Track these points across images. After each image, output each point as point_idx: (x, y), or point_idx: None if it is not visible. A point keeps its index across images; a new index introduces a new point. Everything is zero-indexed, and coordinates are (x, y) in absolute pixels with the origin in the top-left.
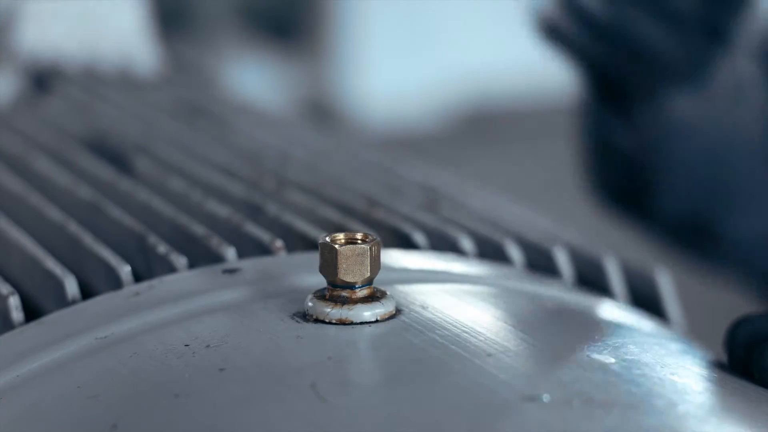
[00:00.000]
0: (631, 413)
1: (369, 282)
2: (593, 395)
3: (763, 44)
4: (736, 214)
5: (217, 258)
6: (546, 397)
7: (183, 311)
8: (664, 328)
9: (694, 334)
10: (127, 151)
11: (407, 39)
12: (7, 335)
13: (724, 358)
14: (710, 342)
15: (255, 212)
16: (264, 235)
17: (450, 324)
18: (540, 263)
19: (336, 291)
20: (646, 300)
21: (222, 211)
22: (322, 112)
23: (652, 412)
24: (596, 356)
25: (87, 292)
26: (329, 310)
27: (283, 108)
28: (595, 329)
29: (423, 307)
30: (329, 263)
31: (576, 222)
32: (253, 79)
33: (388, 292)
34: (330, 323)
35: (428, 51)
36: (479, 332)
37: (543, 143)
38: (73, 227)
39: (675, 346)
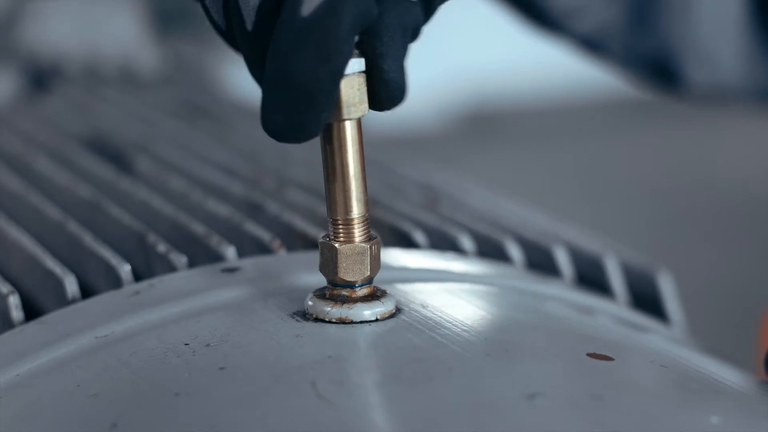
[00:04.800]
0: (633, 410)
1: (369, 281)
2: (592, 393)
3: None
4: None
5: (217, 257)
6: (545, 396)
7: (183, 310)
8: (663, 327)
9: (694, 333)
10: (126, 150)
11: None
12: (7, 334)
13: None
14: (711, 341)
15: (255, 211)
16: (264, 234)
17: (450, 323)
18: (540, 262)
19: (336, 290)
20: (646, 299)
21: (222, 210)
22: None
23: (654, 409)
24: (596, 354)
25: (87, 291)
26: (329, 308)
27: None
28: (594, 328)
29: (423, 306)
30: (329, 262)
31: (576, 221)
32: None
33: (388, 291)
34: (330, 322)
35: (429, 51)
36: (479, 331)
37: (543, 143)
38: (73, 226)
39: (669, 345)
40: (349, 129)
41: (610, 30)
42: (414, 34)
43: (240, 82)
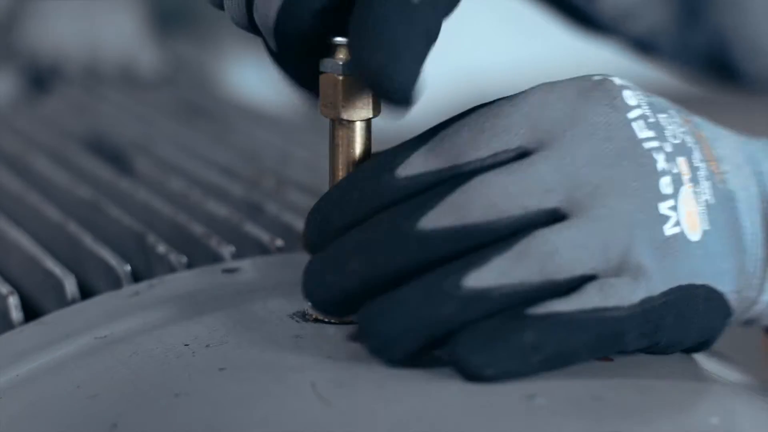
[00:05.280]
0: (633, 411)
1: None
2: (592, 394)
3: None
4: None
5: (216, 257)
6: (544, 397)
7: (182, 311)
8: None
9: None
10: (126, 150)
11: None
12: (7, 335)
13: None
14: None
15: (254, 211)
16: (263, 235)
17: None
18: None
19: None
20: None
21: (221, 210)
22: None
23: (654, 410)
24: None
25: (86, 292)
26: None
27: (282, 107)
28: None
29: None
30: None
31: None
32: (253, 78)
33: None
34: (329, 323)
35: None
36: None
37: None
38: (73, 227)
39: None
40: (358, 129)
41: (663, 30)
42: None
43: (240, 82)
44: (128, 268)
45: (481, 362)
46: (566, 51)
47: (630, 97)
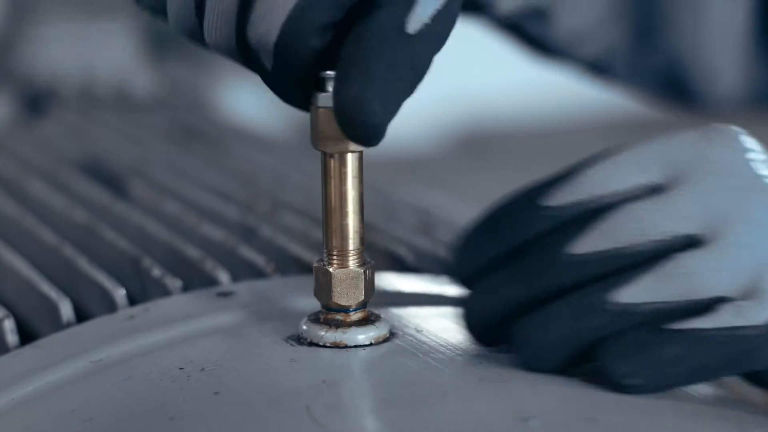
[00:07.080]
0: None
1: (363, 305)
2: (586, 417)
3: None
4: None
5: (211, 281)
6: (539, 420)
7: (178, 334)
8: None
9: None
10: (121, 174)
11: None
12: (3, 358)
13: None
14: None
15: (249, 235)
16: (258, 258)
17: (444, 347)
18: None
19: (330, 314)
20: None
21: (216, 234)
22: None
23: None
24: (590, 378)
25: (82, 315)
26: (323, 333)
27: (277, 130)
28: None
29: (417, 331)
30: (324, 286)
31: None
32: (248, 101)
33: (382, 316)
34: (324, 346)
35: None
36: (473, 356)
37: (539, 165)
38: (68, 250)
39: None
40: (350, 162)
41: (616, 51)
42: (419, 72)
43: (235, 105)
44: (123, 291)
45: (626, 372)
46: (566, 75)
47: (747, 141)
